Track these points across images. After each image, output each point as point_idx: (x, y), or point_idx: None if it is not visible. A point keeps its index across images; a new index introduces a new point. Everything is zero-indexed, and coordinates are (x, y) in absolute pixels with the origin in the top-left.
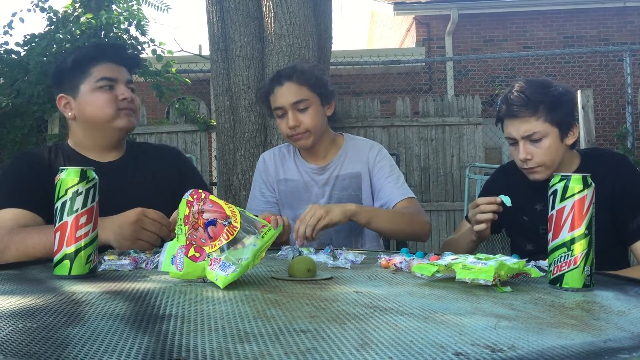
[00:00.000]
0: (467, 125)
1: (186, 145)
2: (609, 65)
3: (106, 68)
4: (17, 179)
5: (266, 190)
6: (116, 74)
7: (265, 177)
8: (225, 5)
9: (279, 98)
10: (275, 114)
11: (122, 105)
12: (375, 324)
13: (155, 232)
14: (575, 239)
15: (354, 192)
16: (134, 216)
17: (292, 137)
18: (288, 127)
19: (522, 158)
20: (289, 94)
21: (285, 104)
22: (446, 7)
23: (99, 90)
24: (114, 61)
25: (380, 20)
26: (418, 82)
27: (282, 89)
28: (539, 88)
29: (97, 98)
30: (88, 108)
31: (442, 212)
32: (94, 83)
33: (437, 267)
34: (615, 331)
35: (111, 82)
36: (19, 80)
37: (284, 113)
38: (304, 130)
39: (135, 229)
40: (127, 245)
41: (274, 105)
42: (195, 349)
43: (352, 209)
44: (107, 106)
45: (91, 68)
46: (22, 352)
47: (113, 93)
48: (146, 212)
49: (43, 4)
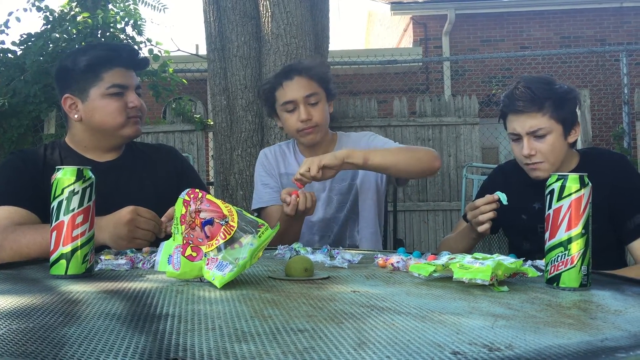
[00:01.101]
0: (464, 125)
1: (183, 144)
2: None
3: (118, 74)
4: (11, 177)
5: (270, 180)
6: (127, 80)
7: (268, 168)
8: (222, 5)
9: (289, 92)
10: (283, 109)
11: (132, 113)
12: (372, 323)
13: (150, 230)
14: (572, 239)
15: (352, 182)
16: (127, 215)
17: (302, 131)
18: (300, 120)
19: (526, 153)
20: (301, 88)
21: (298, 97)
22: (443, 7)
23: (109, 97)
24: (125, 66)
25: (377, 20)
26: (415, 82)
27: (293, 83)
28: (545, 84)
29: (108, 105)
30: (98, 114)
31: (439, 212)
32: (105, 89)
33: (434, 266)
34: (612, 330)
35: (122, 89)
36: (15, 79)
37: (295, 107)
38: (314, 125)
39: (130, 228)
40: (124, 245)
41: (284, 99)
42: (193, 348)
43: (344, 152)
44: (118, 114)
45: (103, 73)
46: (18, 352)
47: (123, 100)
48: (139, 210)
49: (39, 3)
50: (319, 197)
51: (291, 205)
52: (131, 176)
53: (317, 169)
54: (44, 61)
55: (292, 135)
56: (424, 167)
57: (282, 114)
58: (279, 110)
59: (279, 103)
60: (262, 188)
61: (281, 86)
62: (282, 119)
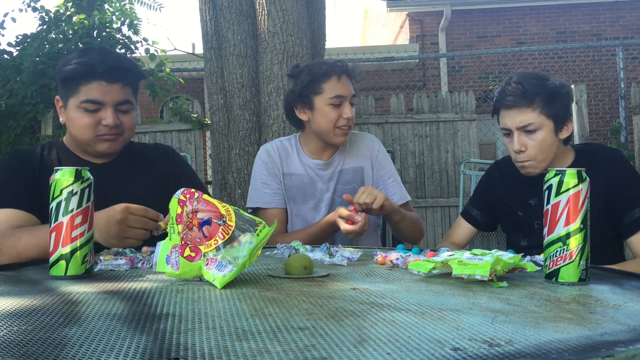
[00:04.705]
0: (461, 121)
1: (180, 144)
2: (601, 60)
3: (95, 88)
4: (9, 179)
5: (272, 181)
6: (104, 96)
7: (271, 168)
8: (218, 4)
9: (342, 87)
10: (330, 102)
11: (103, 131)
12: (372, 320)
13: (142, 227)
14: (570, 234)
15: (357, 186)
16: (118, 215)
17: (341, 128)
18: (344, 117)
19: (516, 149)
20: (349, 87)
21: (348, 94)
22: (439, 4)
23: (82, 111)
24: (106, 80)
25: (373, 17)
26: (412, 78)
27: (345, 80)
28: (537, 80)
29: (80, 118)
30: (71, 124)
31: (437, 209)
32: (79, 102)
33: (433, 263)
34: (611, 324)
35: (97, 105)
36: (11, 80)
37: (341, 104)
38: (351, 125)
39: (121, 227)
40: (115, 244)
41: (336, 92)
42: (193, 347)
43: (395, 206)
44: (87, 131)
45: (80, 85)
46: (19, 353)
47: (96, 117)
48: (130, 208)
49: (35, 4)
50: (324, 197)
51: (360, 224)
52: (128, 177)
53: (379, 208)
54: (40, 62)
55: (325, 129)
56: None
57: (324, 106)
58: (322, 101)
59: (326, 95)
60: (261, 187)
61: (337, 79)
62: (320, 111)
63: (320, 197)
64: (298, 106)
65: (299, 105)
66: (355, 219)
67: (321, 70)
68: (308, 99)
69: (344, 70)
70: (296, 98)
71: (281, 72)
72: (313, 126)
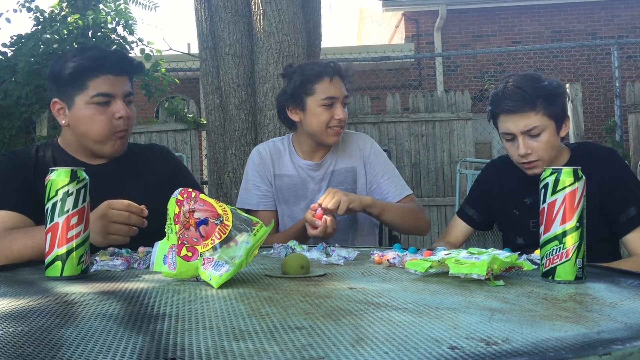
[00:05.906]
0: (457, 120)
1: (176, 144)
2: (596, 59)
3: (105, 81)
4: (3, 180)
5: (262, 184)
6: (114, 89)
7: (262, 170)
8: (214, 3)
9: (334, 88)
10: (322, 102)
11: (118, 127)
12: (369, 319)
13: (124, 222)
14: (566, 232)
15: (350, 187)
16: (100, 211)
17: (333, 128)
18: (336, 118)
19: (523, 153)
20: (342, 88)
21: (340, 95)
22: (435, 3)
23: (94, 105)
24: (115, 72)
25: (369, 17)
26: (408, 78)
27: (338, 81)
28: (535, 82)
29: (93, 115)
30: (82, 123)
31: (434, 208)
32: (90, 98)
33: (430, 262)
34: (608, 323)
35: (108, 97)
36: (6, 81)
37: (333, 104)
38: (343, 125)
39: (103, 223)
40: (100, 241)
41: (328, 94)
42: (190, 347)
43: (368, 201)
44: (103, 126)
45: (88, 81)
46: (16, 355)
47: (109, 111)
48: (112, 203)
49: (29, 4)
50: (315, 198)
51: (320, 229)
52: (123, 178)
53: (344, 211)
54: (35, 62)
55: (317, 129)
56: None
57: (316, 107)
58: (314, 102)
59: (318, 96)
60: (252, 189)
61: (329, 80)
62: (312, 112)
63: (312, 198)
64: (290, 107)
65: (291, 106)
66: (315, 224)
67: (313, 71)
68: (300, 99)
69: (337, 71)
70: (288, 99)
71: (277, 71)
72: (305, 127)
